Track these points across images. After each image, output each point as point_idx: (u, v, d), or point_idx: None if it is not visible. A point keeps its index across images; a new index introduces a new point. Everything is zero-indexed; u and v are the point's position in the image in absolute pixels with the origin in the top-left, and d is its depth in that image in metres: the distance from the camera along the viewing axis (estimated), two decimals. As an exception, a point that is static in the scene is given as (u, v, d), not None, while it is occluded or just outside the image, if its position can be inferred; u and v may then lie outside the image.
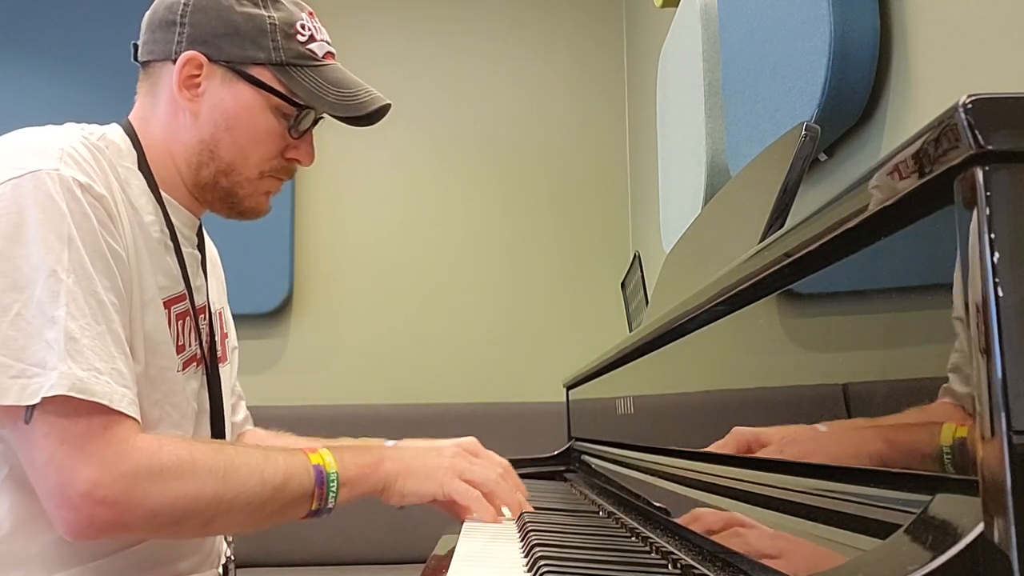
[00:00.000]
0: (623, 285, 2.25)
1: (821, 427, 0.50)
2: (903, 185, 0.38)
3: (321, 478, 0.94)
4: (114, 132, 1.00)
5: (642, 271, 2.02)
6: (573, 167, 2.98)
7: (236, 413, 1.27)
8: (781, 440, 0.57)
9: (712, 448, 0.72)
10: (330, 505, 0.95)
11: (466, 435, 1.10)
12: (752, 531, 0.58)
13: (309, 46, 1.01)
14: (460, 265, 2.92)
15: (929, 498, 0.37)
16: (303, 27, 1.01)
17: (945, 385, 0.36)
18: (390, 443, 1.14)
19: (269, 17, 1.00)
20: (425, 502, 1.01)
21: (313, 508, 0.94)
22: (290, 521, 0.95)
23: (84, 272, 0.84)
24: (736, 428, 0.66)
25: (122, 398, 0.84)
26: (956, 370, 0.35)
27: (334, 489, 0.94)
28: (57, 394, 0.80)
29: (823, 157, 1.17)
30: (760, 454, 0.61)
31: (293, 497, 0.92)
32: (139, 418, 0.87)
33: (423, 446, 1.06)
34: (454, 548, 0.82)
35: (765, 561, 0.53)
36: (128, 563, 0.93)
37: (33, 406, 0.81)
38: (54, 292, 0.82)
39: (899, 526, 0.38)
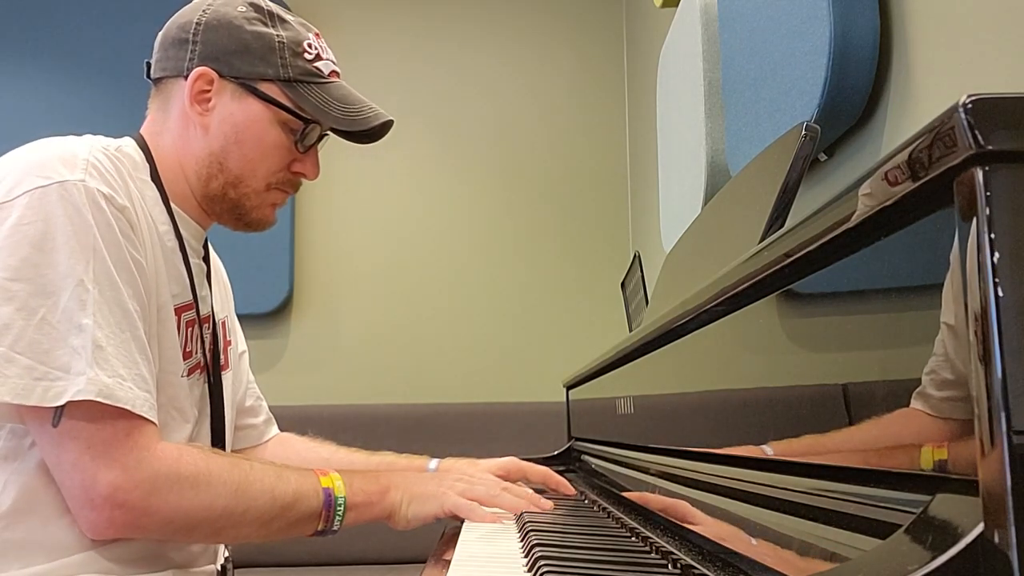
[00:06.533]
0: (623, 285, 2.25)
1: (821, 427, 0.50)
2: (902, 185, 0.38)
3: (329, 501, 0.99)
4: (128, 145, 1.03)
5: (642, 271, 2.02)
6: (573, 167, 2.98)
7: (257, 415, 1.32)
8: (781, 440, 0.57)
9: (712, 448, 0.72)
10: (335, 527, 1.00)
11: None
12: (751, 531, 0.58)
13: (315, 64, 1.05)
14: (460, 265, 2.92)
15: (929, 498, 0.37)
16: (310, 46, 1.06)
17: (945, 385, 0.36)
18: (433, 462, 1.22)
19: (278, 36, 1.04)
20: (429, 521, 1.05)
21: (319, 528, 0.99)
22: (297, 537, 0.99)
23: (109, 282, 0.88)
24: (737, 429, 0.66)
25: (144, 403, 0.88)
26: (956, 370, 0.35)
27: (341, 513, 0.99)
28: (85, 399, 0.83)
29: (823, 157, 1.17)
30: (760, 454, 0.61)
31: (301, 516, 0.97)
32: (157, 422, 0.91)
33: (431, 474, 1.13)
34: (454, 548, 0.82)
35: (765, 561, 0.53)
36: (127, 552, 0.94)
37: (61, 409, 0.84)
38: (82, 301, 0.85)
39: (899, 526, 0.38)
